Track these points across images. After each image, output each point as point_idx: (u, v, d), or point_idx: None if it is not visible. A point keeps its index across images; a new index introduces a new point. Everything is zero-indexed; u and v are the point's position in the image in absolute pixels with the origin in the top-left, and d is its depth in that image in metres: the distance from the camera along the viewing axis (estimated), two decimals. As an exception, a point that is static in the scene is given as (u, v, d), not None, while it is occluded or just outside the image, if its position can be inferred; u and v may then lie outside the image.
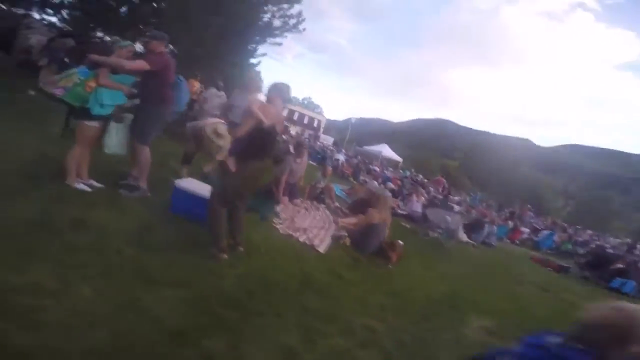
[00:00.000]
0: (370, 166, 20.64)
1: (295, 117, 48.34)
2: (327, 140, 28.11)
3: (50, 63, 9.71)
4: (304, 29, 13.51)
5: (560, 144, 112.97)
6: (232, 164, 3.19)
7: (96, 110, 3.78)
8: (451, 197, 19.19)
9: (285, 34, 13.41)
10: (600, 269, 10.21)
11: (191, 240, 3.43)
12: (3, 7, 13.43)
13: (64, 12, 13.13)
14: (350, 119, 40.44)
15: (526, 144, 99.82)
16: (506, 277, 7.37)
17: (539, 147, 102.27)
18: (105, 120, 3.99)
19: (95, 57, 3.86)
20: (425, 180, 23.41)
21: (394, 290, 4.24)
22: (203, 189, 4.02)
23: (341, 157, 14.30)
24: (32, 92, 8.06)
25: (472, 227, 9.87)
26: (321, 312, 3.06)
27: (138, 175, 4.25)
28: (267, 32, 13.31)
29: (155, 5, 12.27)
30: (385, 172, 19.43)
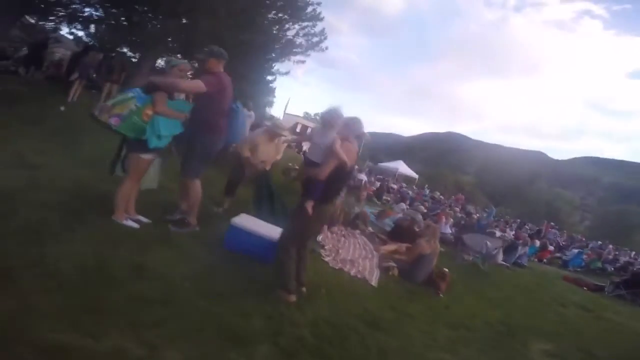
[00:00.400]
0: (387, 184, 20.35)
1: (309, 133, 48.05)
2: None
3: (81, 78, 9.85)
4: (327, 47, 13.62)
5: (575, 156, 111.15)
6: (310, 207, 3.04)
7: (154, 143, 3.41)
8: (469, 209, 19.01)
9: (309, 51, 13.54)
10: (637, 287, 9.91)
11: (256, 282, 3.30)
12: (32, 20, 13.48)
13: (92, 27, 13.05)
14: (361, 134, 39.83)
15: (540, 157, 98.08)
16: (547, 298, 7.38)
17: (553, 160, 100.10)
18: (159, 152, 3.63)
19: (155, 78, 3.52)
20: (442, 197, 23.22)
21: (454, 320, 4.24)
22: (258, 226, 3.96)
23: (364, 177, 14.21)
24: (62, 108, 7.85)
25: (506, 249, 9.70)
26: (397, 351, 3.04)
27: (188, 210, 3.93)
28: (288, 49, 13.39)
29: (184, 21, 11.67)
30: (409, 192, 19.21)
